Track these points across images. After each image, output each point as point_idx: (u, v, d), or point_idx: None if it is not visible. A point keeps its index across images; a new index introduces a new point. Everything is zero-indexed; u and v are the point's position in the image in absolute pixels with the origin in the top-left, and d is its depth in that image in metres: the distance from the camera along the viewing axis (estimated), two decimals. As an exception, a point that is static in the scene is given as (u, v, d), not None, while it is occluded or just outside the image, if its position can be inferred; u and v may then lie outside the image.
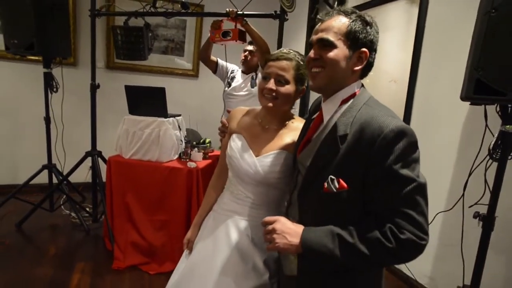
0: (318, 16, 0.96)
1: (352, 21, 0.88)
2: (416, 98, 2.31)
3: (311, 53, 0.92)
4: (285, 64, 1.12)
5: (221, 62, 2.96)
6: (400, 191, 0.78)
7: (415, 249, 0.78)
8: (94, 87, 2.68)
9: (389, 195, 0.79)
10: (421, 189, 0.79)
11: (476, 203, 1.70)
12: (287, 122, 1.23)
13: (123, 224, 2.43)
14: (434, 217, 2.06)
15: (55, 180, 2.96)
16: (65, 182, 2.94)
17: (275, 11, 2.35)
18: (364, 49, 0.89)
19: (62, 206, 3.05)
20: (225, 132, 1.39)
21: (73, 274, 2.19)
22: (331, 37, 0.88)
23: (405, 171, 0.78)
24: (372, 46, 0.91)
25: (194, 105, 3.87)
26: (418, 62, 2.29)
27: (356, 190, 0.83)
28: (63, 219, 2.96)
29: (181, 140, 2.61)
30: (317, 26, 0.94)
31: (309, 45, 0.96)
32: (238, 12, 2.31)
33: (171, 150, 2.47)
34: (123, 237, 2.41)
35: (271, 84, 1.13)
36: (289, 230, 0.88)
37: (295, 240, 0.86)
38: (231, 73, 3.00)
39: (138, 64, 3.65)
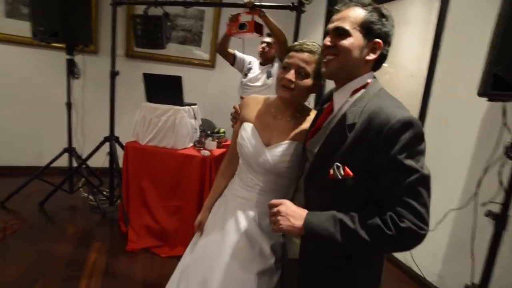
0: (335, 7, 0.98)
1: (369, 12, 0.90)
2: (433, 93, 2.27)
3: (326, 41, 0.94)
4: (307, 56, 1.11)
5: (239, 54, 2.99)
6: (403, 181, 0.80)
7: (414, 238, 0.80)
8: (113, 74, 2.76)
9: (392, 184, 0.81)
10: (424, 180, 0.81)
11: (489, 202, 1.68)
12: (300, 114, 1.24)
13: (138, 208, 2.52)
14: (446, 215, 2.04)
15: (75, 164, 3.08)
16: (84, 165, 3.06)
17: (292, 3, 2.34)
18: (378, 40, 0.91)
19: (81, 189, 3.17)
20: (236, 118, 1.41)
21: (90, 253, 2.30)
22: (346, 26, 0.90)
23: (409, 162, 0.80)
24: (386, 38, 0.93)
25: (210, 95, 3.92)
26: (436, 57, 2.24)
27: (361, 178, 0.85)
28: (82, 201, 3.09)
29: (196, 129, 2.66)
30: (334, 16, 0.96)
31: (325, 34, 0.98)
32: (256, 3, 2.32)
33: (186, 137, 2.53)
34: (137, 221, 2.51)
35: (291, 75, 1.12)
36: (293, 213, 0.92)
37: (299, 222, 0.89)
38: (248, 64, 3.03)
39: (157, 53, 3.72)
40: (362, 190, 0.87)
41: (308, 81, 1.14)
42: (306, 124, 1.21)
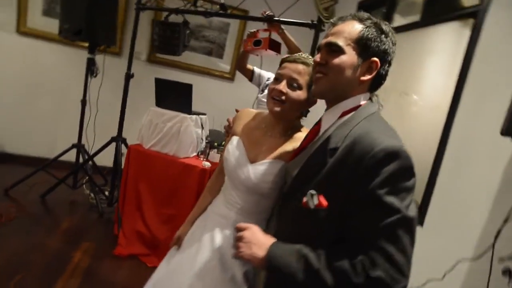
0: (331, 20, 0.90)
1: (366, 28, 0.82)
2: (454, 128, 2.09)
3: (317, 57, 0.86)
4: (301, 68, 1.05)
5: (257, 70, 2.96)
6: (381, 221, 0.67)
7: None
8: (128, 76, 2.79)
9: (368, 223, 0.69)
10: (407, 223, 0.68)
11: (508, 258, 1.47)
12: (291, 131, 1.16)
13: (132, 212, 2.46)
14: (457, 264, 1.82)
15: (82, 160, 3.10)
16: (90, 163, 3.07)
17: (312, 21, 2.28)
18: (375, 59, 0.82)
19: (84, 186, 3.18)
20: (229, 132, 1.36)
21: (76, 252, 2.25)
22: (340, 41, 0.82)
23: (390, 199, 0.68)
24: (384, 57, 0.83)
25: (225, 107, 3.86)
26: (461, 90, 2.07)
27: (337, 210, 0.74)
28: (83, 197, 3.10)
29: (202, 139, 2.60)
30: (328, 30, 0.88)
31: (317, 50, 0.90)
32: (274, 18, 2.27)
33: (189, 146, 2.47)
34: (130, 225, 2.45)
35: (282, 86, 1.06)
36: (257, 241, 0.81)
37: (261, 252, 0.79)
38: (266, 80, 2.98)
39: (178, 61, 3.76)
40: (337, 223, 0.75)
41: (301, 94, 1.05)
42: (295, 143, 1.11)
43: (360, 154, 0.71)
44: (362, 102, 0.85)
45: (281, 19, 2.29)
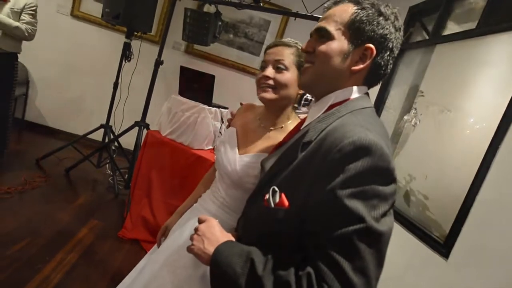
0: (324, 4, 0.79)
1: (360, 9, 0.70)
2: (499, 154, 1.78)
3: (304, 44, 0.77)
4: (283, 49, 1.00)
5: None
6: (338, 229, 0.55)
7: None
8: (157, 63, 2.82)
9: (324, 229, 0.57)
10: (373, 237, 0.54)
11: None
12: (285, 124, 1.07)
13: (142, 197, 2.46)
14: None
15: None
16: (116, 144, 3.16)
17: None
18: (369, 45, 0.69)
19: (107, 166, 3.28)
20: (230, 125, 1.30)
21: (83, 228, 2.30)
22: (329, 26, 0.71)
23: (353, 203, 0.55)
24: (383, 43, 0.70)
25: (256, 106, 3.81)
26: (516, 109, 1.76)
27: (296, 212, 0.63)
28: (104, 177, 3.19)
29: (220, 133, 2.54)
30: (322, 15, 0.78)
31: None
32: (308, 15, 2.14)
33: (204, 138, 2.42)
34: (137, 210, 2.45)
35: (268, 71, 1.00)
36: (211, 236, 0.72)
37: (210, 249, 0.69)
38: None
39: (214, 54, 3.77)
40: (296, 228, 0.63)
41: (289, 75, 0.99)
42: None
43: (328, 147, 0.60)
44: (354, 96, 0.72)
45: (314, 15, 2.15)
